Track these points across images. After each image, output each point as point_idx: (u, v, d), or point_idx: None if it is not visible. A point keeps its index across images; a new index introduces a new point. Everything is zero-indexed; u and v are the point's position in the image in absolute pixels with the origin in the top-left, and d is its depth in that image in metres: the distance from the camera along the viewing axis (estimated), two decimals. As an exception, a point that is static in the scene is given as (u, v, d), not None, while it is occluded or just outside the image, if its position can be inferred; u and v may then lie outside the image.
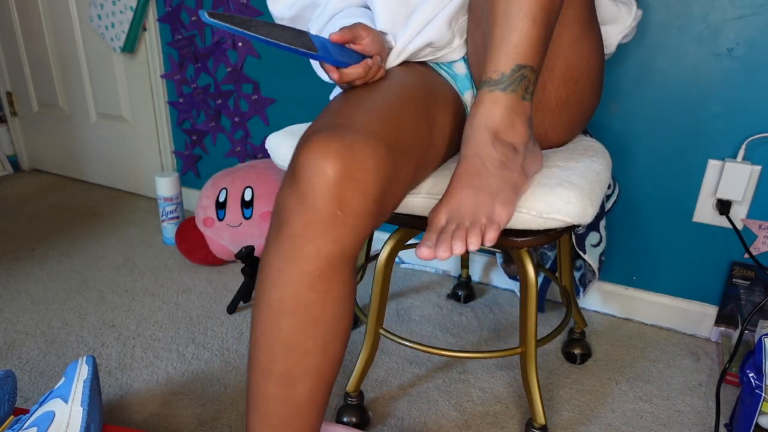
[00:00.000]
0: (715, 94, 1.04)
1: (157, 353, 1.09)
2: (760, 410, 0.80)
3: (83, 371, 0.77)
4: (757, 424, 0.81)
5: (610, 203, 1.07)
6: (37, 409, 0.72)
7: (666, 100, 1.08)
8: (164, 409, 0.94)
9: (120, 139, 1.89)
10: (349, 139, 0.56)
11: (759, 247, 1.08)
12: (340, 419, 0.91)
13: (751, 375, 0.81)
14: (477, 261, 1.38)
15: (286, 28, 0.61)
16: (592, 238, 1.01)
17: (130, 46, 1.66)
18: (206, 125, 1.66)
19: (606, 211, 1.05)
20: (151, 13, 1.61)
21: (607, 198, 1.08)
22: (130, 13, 1.59)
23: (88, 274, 1.40)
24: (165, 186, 1.51)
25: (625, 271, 1.23)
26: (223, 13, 0.55)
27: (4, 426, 0.75)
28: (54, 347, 1.11)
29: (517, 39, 0.60)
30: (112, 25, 1.65)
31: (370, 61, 0.68)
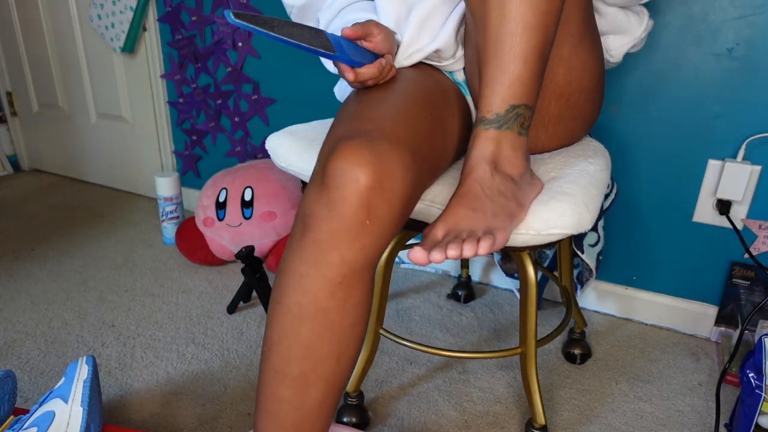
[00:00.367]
0: (715, 94, 1.04)
1: (157, 353, 1.09)
2: (760, 410, 0.80)
3: (83, 371, 0.77)
4: (757, 424, 0.81)
5: (608, 202, 1.07)
6: (37, 409, 0.72)
7: (666, 100, 1.08)
8: (164, 409, 0.94)
9: (120, 139, 1.89)
10: (379, 148, 0.56)
11: (759, 247, 1.08)
12: (340, 419, 0.91)
13: (751, 375, 0.81)
14: (477, 261, 1.38)
15: (304, 28, 0.62)
16: (590, 237, 1.01)
17: (130, 46, 1.66)
18: (206, 125, 1.66)
19: (604, 210, 1.05)
20: (151, 13, 1.61)
21: (605, 197, 1.08)
22: (130, 13, 1.59)
23: (88, 274, 1.40)
24: (165, 186, 1.51)
25: (625, 271, 1.23)
26: (247, 13, 0.56)
27: (4, 426, 0.75)
28: (54, 347, 1.11)
29: (510, 81, 0.60)
30: (112, 25, 1.65)
31: (383, 61, 0.68)
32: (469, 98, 0.81)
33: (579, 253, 0.99)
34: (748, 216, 1.08)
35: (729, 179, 1.04)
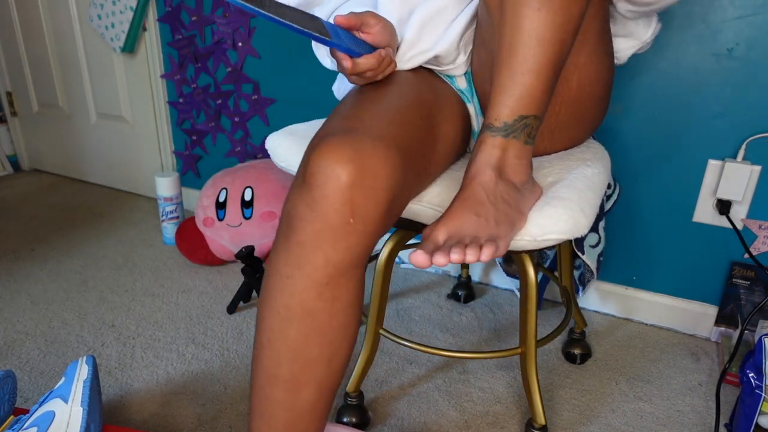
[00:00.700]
0: (715, 94, 1.04)
1: (157, 353, 1.09)
2: (760, 410, 0.80)
3: (83, 371, 0.77)
4: (757, 424, 0.81)
5: (610, 203, 1.07)
6: (37, 409, 0.72)
7: (666, 100, 1.08)
8: (164, 409, 0.94)
9: (120, 139, 1.89)
10: (361, 145, 0.55)
11: (759, 247, 1.08)
12: (340, 419, 0.91)
13: (751, 375, 0.81)
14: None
15: (298, 11, 0.59)
16: (591, 239, 1.01)
17: (130, 46, 1.66)
18: (206, 125, 1.66)
19: (606, 211, 1.05)
20: (151, 13, 1.61)
21: (606, 198, 1.08)
22: (130, 13, 1.59)
23: (88, 274, 1.40)
24: (165, 186, 1.51)
25: (625, 271, 1.23)
26: None
27: (4, 426, 0.75)
28: (54, 347, 1.11)
29: (521, 93, 0.59)
30: (112, 25, 1.65)
31: (383, 52, 0.67)
32: (470, 105, 0.81)
33: (580, 255, 0.99)
34: (748, 216, 1.08)
35: (729, 179, 1.04)
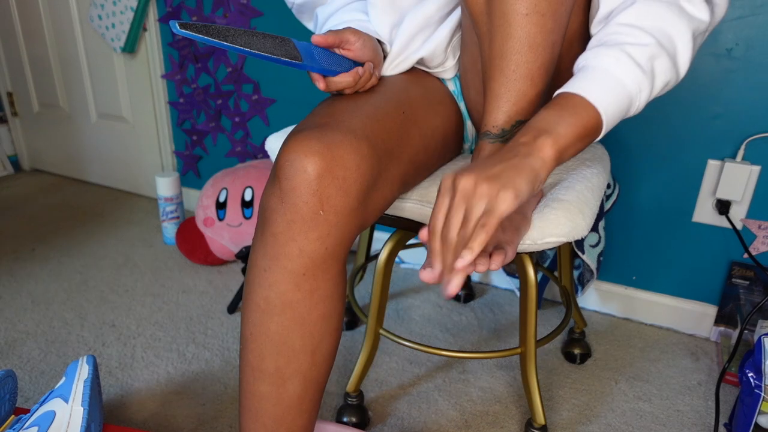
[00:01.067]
0: (714, 94, 1.04)
1: (158, 353, 1.09)
2: (760, 410, 0.80)
3: (84, 371, 0.77)
4: (756, 424, 0.81)
5: (609, 203, 1.07)
6: (38, 408, 0.72)
7: (666, 100, 1.08)
8: (164, 409, 0.95)
9: (120, 139, 1.89)
10: (330, 138, 0.56)
11: (758, 247, 1.08)
12: (340, 419, 0.91)
13: (751, 375, 0.81)
14: (477, 261, 1.38)
15: (268, 36, 0.59)
16: (591, 238, 1.01)
17: (131, 47, 1.66)
18: (206, 125, 1.66)
19: (605, 211, 1.05)
20: (152, 14, 1.61)
21: (606, 198, 1.08)
22: (130, 14, 1.59)
23: (89, 274, 1.40)
24: (165, 186, 1.51)
25: (625, 271, 1.23)
26: (197, 23, 0.51)
27: (5, 425, 0.75)
28: (54, 347, 1.11)
29: (516, 99, 0.59)
30: (113, 26, 1.65)
31: (360, 70, 0.66)
32: (462, 105, 0.80)
33: (580, 254, 0.99)
34: (747, 216, 1.08)
35: (728, 179, 1.05)
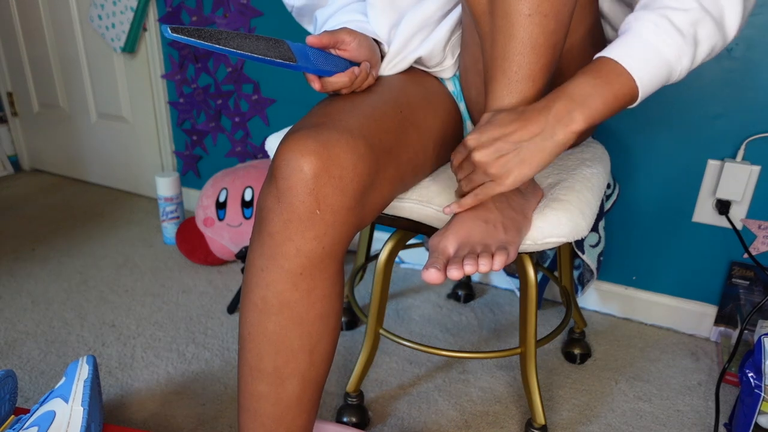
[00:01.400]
0: (714, 94, 1.04)
1: (158, 353, 1.09)
2: (760, 410, 0.80)
3: (84, 371, 0.77)
4: (756, 424, 0.81)
5: (609, 203, 1.07)
6: (38, 408, 0.72)
7: (666, 100, 1.08)
8: (164, 409, 0.95)
9: (120, 139, 1.89)
10: (326, 137, 0.56)
11: (758, 247, 1.08)
12: (340, 419, 0.91)
13: (751, 375, 0.81)
14: (477, 261, 1.38)
15: (261, 38, 0.58)
16: (591, 238, 1.01)
17: (131, 47, 1.66)
18: (206, 125, 1.66)
19: (605, 211, 1.05)
20: (152, 13, 1.61)
21: (606, 198, 1.08)
22: (130, 14, 1.59)
23: (89, 274, 1.40)
24: (165, 186, 1.51)
25: (625, 271, 1.23)
26: (189, 27, 0.51)
27: (5, 425, 0.75)
28: (54, 347, 1.11)
29: (518, 101, 0.59)
30: (113, 26, 1.65)
31: (357, 70, 0.66)
32: (462, 105, 0.80)
33: (580, 254, 0.99)
34: (747, 216, 1.08)
35: (728, 179, 1.05)
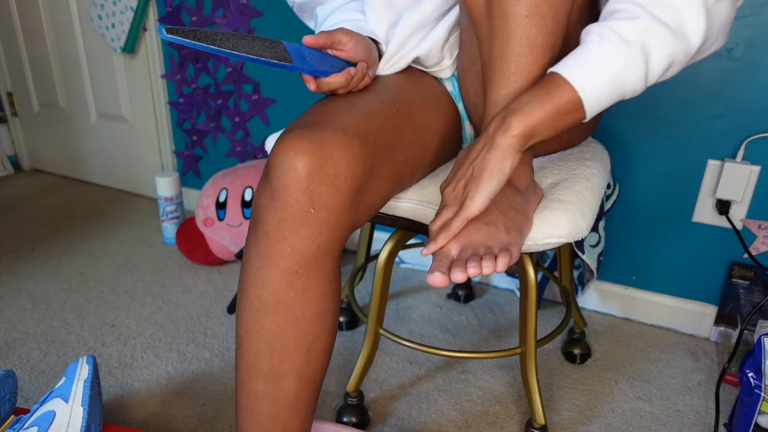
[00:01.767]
0: (714, 94, 1.04)
1: (158, 353, 1.09)
2: (760, 410, 0.80)
3: (84, 371, 0.77)
4: (756, 424, 0.81)
5: (609, 203, 1.07)
6: (38, 408, 0.72)
7: (666, 100, 1.08)
8: (164, 409, 0.95)
9: (120, 139, 1.89)
10: (320, 136, 0.56)
11: (758, 247, 1.08)
12: (340, 419, 0.91)
13: (751, 375, 0.81)
14: (477, 261, 1.38)
15: (257, 39, 0.59)
16: (591, 238, 1.01)
17: (131, 47, 1.66)
18: (206, 125, 1.66)
19: (605, 211, 1.05)
20: (152, 13, 1.61)
21: (606, 198, 1.08)
22: (130, 14, 1.59)
23: (89, 274, 1.40)
24: (165, 186, 1.51)
25: (625, 271, 1.23)
26: (185, 28, 0.52)
27: (5, 425, 0.75)
28: (54, 347, 1.11)
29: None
30: (113, 26, 1.65)
31: (353, 70, 0.66)
32: (461, 105, 0.80)
33: (580, 254, 0.99)
34: (747, 216, 1.08)
35: (728, 179, 1.05)
